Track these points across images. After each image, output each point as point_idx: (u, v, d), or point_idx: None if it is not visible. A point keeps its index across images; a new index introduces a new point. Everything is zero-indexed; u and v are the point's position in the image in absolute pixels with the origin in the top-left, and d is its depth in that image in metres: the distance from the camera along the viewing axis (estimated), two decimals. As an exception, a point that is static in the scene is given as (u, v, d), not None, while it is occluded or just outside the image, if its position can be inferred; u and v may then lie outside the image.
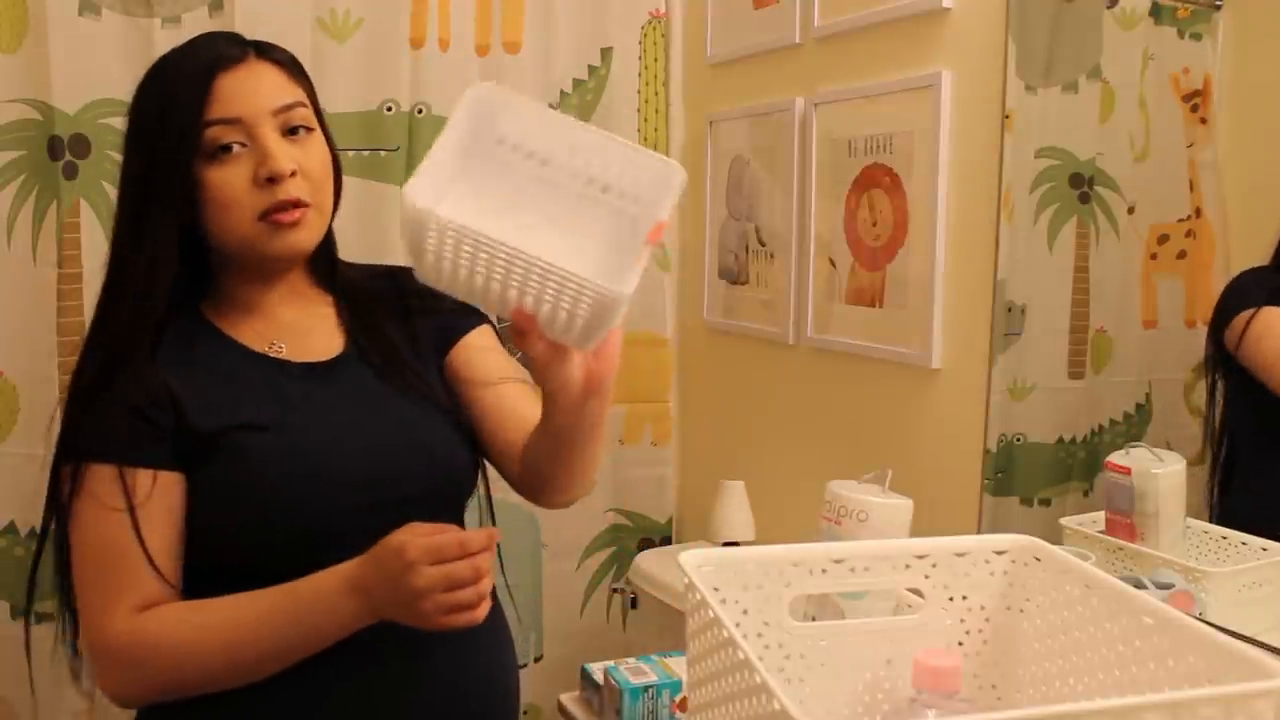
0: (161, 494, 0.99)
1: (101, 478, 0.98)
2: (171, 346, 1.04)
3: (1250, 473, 1.29)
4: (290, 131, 1.05)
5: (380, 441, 1.08)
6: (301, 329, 1.12)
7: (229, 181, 1.02)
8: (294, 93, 1.07)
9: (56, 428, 1.04)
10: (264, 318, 1.11)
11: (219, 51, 1.04)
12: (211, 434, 1.01)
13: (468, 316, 1.22)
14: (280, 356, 1.09)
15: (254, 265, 1.09)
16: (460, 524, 1.16)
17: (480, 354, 1.21)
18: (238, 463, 1.01)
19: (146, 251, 1.03)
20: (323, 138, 1.10)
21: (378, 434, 1.08)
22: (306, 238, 1.07)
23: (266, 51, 1.08)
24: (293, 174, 1.03)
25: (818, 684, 0.87)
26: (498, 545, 1.25)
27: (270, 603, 0.97)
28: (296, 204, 1.04)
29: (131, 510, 0.97)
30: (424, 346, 1.19)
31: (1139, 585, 1.19)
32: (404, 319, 1.18)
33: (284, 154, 1.03)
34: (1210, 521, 1.28)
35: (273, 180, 1.02)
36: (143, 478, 0.99)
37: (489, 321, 1.25)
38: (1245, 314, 1.27)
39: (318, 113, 1.11)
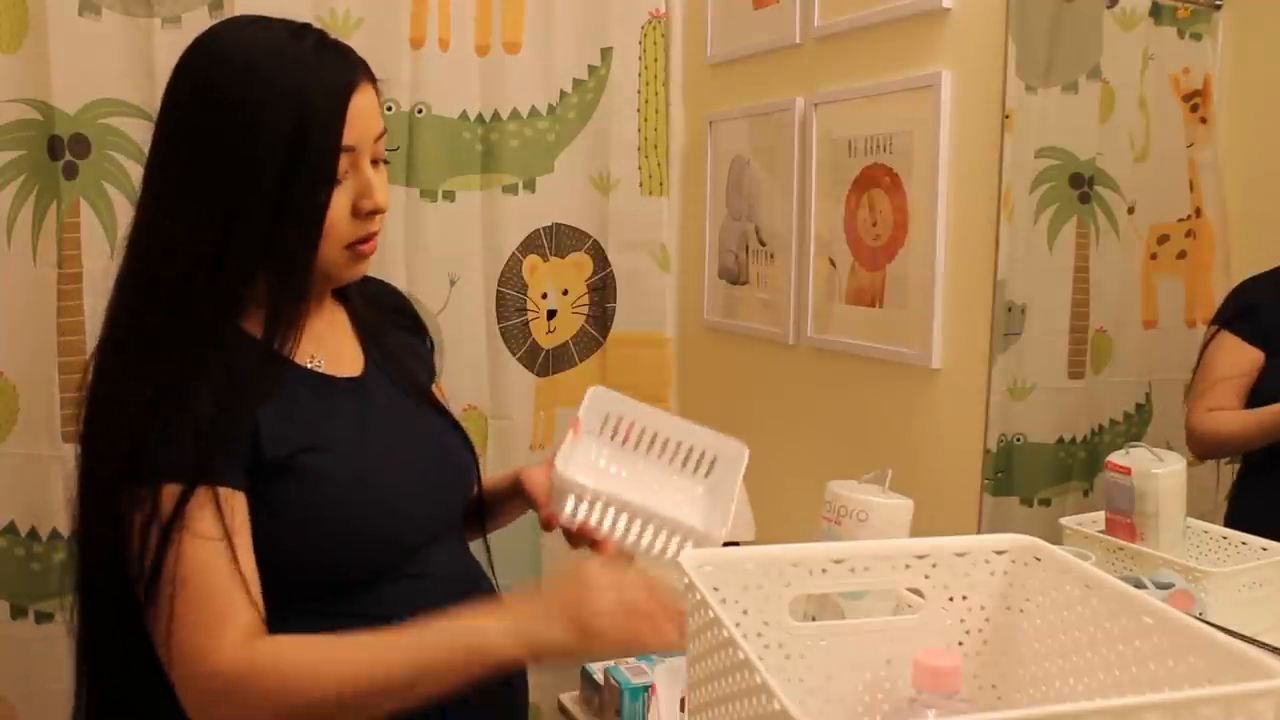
0: (243, 516, 0.97)
1: (198, 501, 0.94)
2: None
3: (1251, 473, 1.29)
4: (374, 162, 1.04)
5: (425, 454, 1.10)
6: (330, 341, 1.12)
7: (335, 209, 1.00)
8: (382, 119, 1.05)
9: (58, 427, 1.02)
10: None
11: (352, 74, 1.00)
12: (284, 455, 0.98)
13: (429, 339, 1.29)
14: (321, 370, 1.08)
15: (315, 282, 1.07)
16: None
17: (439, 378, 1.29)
18: (307, 484, 0.99)
19: (281, 269, 1.00)
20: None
21: (421, 447, 1.09)
22: (369, 265, 1.08)
23: (368, 70, 1.04)
24: None
25: (818, 684, 0.87)
26: (489, 548, 1.29)
27: (414, 633, 0.93)
28: (376, 234, 1.05)
29: (229, 535, 0.94)
30: (425, 363, 1.24)
31: (1139, 585, 1.19)
32: (401, 333, 1.21)
33: (383, 187, 1.03)
34: (1222, 523, 1.28)
35: (372, 214, 1.02)
36: (236, 500, 0.96)
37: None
38: (1211, 329, 1.28)
39: None
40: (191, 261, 0.97)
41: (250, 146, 0.96)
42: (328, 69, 0.99)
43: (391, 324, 1.22)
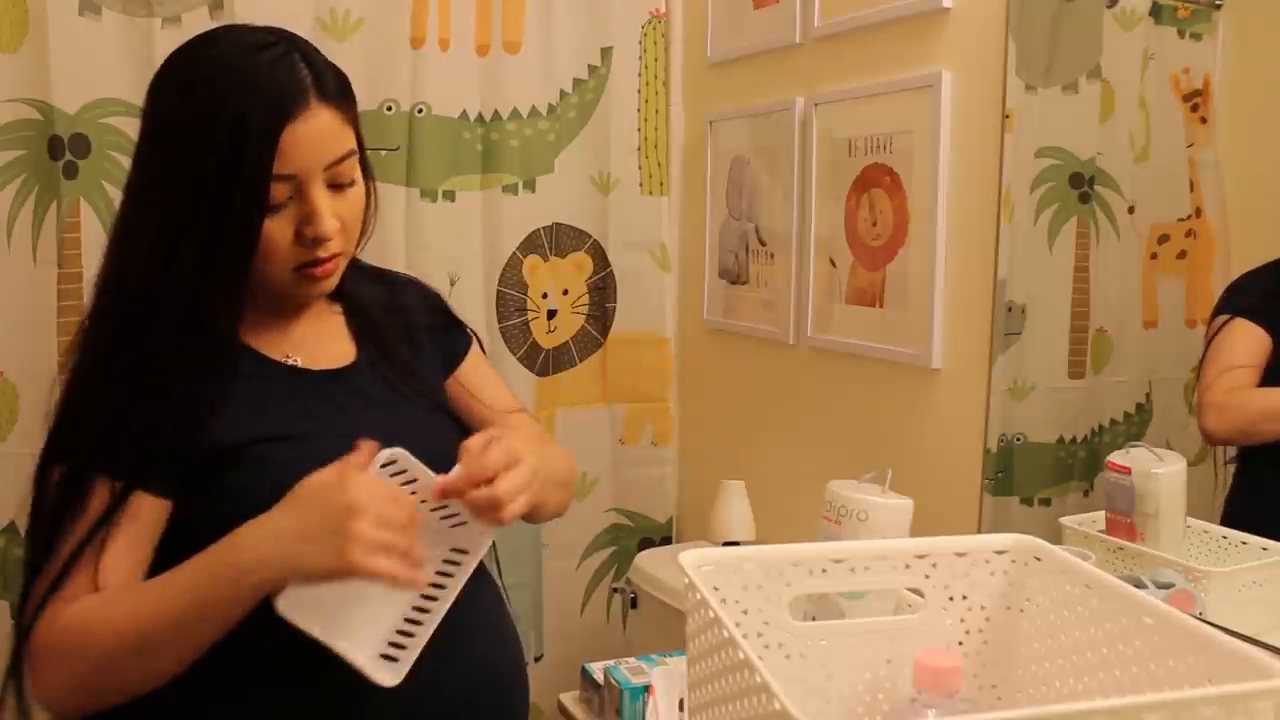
0: (144, 514, 0.99)
1: (100, 492, 0.97)
2: None
3: (1249, 473, 1.29)
4: (334, 185, 1.03)
5: (398, 444, 1.09)
6: (313, 340, 1.13)
7: (275, 234, 1.00)
8: (346, 141, 1.04)
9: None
10: (278, 330, 1.11)
11: (290, 101, 0.98)
12: (237, 445, 1.00)
13: (461, 332, 1.29)
14: (297, 365, 1.10)
15: (276, 297, 1.09)
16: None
17: (477, 373, 1.29)
18: (264, 473, 1.00)
19: (219, 291, 1.01)
20: (362, 184, 1.08)
21: (397, 439, 1.08)
22: (333, 282, 1.08)
23: (325, 91, 1.02)
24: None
25: (818, 684, 0.87)
26: (494, 546, 1.28)
27: (183, 571, 0.95)
28: (331, 258, 1.04)
29: (108, 526, 0.97)
30: (429, 357, 1.22)
31: (1139, 585, 1.19)
32: (405, 329, 1.20)
33: (331, 213, 1.02)
34: (1219, 522, 1.28)
35: (316, 240, 1.02)
36: (139, 500, 0.98)
37: (475, 336, 1.31)
38: (1221, 318, 1.28)
39: (359, 138, 1.08)
40: (146, 272, 1.00)
41: (193, 162, 0.98)
42: (273, 91, 0.98)
43: (402, 325, 1.21)
